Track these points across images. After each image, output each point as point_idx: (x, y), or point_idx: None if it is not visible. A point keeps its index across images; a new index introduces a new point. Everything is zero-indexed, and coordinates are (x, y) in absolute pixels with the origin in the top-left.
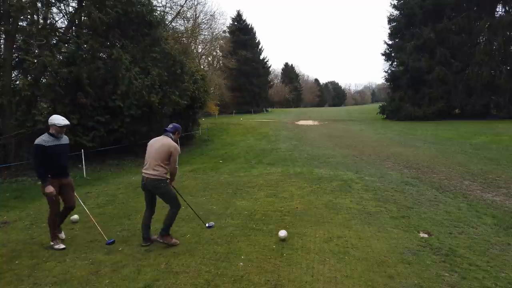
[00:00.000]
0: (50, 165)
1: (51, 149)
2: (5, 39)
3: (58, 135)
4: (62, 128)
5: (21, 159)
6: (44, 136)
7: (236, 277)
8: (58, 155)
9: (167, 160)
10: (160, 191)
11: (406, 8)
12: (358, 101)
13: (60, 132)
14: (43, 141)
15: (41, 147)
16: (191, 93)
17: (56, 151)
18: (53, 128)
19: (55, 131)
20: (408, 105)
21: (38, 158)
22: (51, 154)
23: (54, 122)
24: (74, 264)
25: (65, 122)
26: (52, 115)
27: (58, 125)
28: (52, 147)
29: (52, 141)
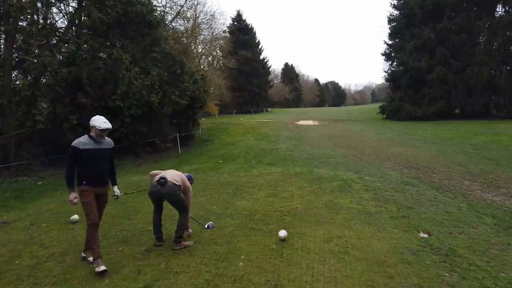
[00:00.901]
0: (83, 170)
1: (86, 153)
2: (5, 39)
3: (98, 138)
4: (102, 132)
5: (21, 159)
6: (82, 138)
7: (236, 277)
8: (95, 160)
9: (183, 187)
10: (175, 198)
11: (406, 8)
12: (358, 101)
13: (100, 135)
14: (80, 143)
15: (74, 150)
16: (191, 93)
17: (92, 155)
18: (93, 130)
19: (95, 133)
20: (408, 105)
21: (69, 160)
22: (87, 159)
23: (95, 124)
24: (74, 264)
25: (107, 125)
26: (94, 116)
27: (98, 128)
28: (88, 150)
29: (90, 144)
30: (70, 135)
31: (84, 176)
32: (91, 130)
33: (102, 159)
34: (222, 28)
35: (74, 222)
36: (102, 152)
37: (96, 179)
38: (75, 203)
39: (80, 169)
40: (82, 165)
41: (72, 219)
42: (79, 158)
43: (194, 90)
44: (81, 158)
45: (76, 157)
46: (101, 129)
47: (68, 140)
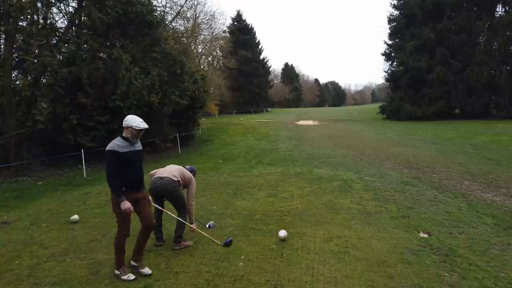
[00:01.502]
0: (124, 176)
1: (125, 156)
2: (5, 39)
3: (134, 140)
4: (139, 132)
5: (21, 159)
6: (117, 141)
7: (236, 277)
8: (134, 164)
9: (183, 181)
10: (173, 194)
11: (406, 8)
12: (358, 101)
13: (137, 136)
14: (117, 146)
15: (115, 154)
16: (191, 93)
17: (130, 158)
18: (128, 130)
19: (131, 134)
20: (408, 105)
21: (113, 167)
22: (126, 162)
23: (131, 123)
24: (74, 264)
25: (144, 124)
26: (127, 116)
27: (136, 128)
28: (127, 153)
29: (126, 146)
30: (70, 135)
31: (123, 182)
32: (125, 131)
33: (139, 162)
34: (222, 28)
35: (74, 222)
36: (138, 155)
37: (135, 183)
38: (131, 211)
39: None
40: (121, 170)
41: (72, 219)
42: (119, 163)
43: (194, 90)
44: (121, 162)
45: (117, 161)
46: (139, 129)
47: (68, 140)
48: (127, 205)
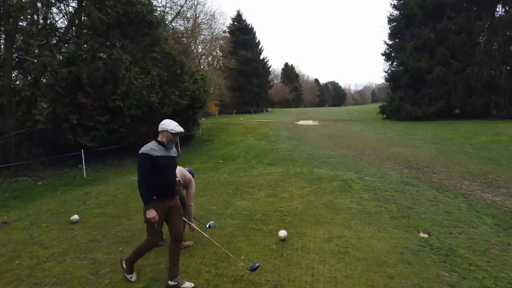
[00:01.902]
0: (156, 182)
1: (158, 161)
2: (5, 39)
3: (169, 145)
4: (175, 136)
5: (21, 159)
6: (151, 144)
7: (236, 277)
8: (167, 169)
9: (183, 181)
10: None
11: (406, 8)
12: (358, 101)
13: (172, 140)
14: (151, 149)
15: (148, 157)
16: (191, 93)
17: (164, 164)
18: (164, 134)
19: (167, 139)
20: (408, 105)
21: (144, 171)
22: (158, 167)
23: (167, 127)
24: (74, 264)
25: (179, 128)
26: (164, 120)
27: (171, 132)
28: (159, 158)
29: (161, 151)
30: (70, 135)
31: (155, 188)
32: (161, 135)
33: (173, 168)
34: (222, 28)
35: (74, 222)
36: (172, 160)
37: (168, 191)
38: (156, 220)
39: (150, 180)
40: (153, 176)
41: (72, 219)
42: (151, 168)
43: (194, 90)
44: (153, 167)
45: (150, 166)
46: (174, 133)
47: (68, 140)
48: (153, 214)
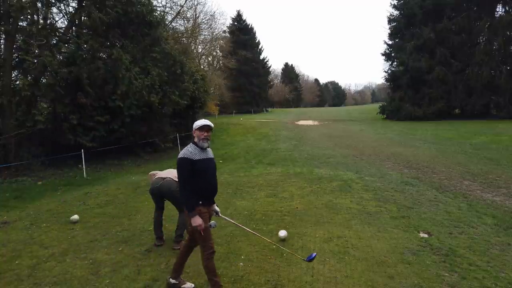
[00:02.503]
0: (201, 187)
1: (200, 164)
2: (5, 39)
3: (201, 143)
4: (202, 131)
5: (21, 159)
6: (189, 147)
7: (236, 277)
8: (210, 172)
9: None
10: (175, 195)
11: (406, 8)
12: (358, 101)
13: (202, 138)
14: (190, 153)
15: (188, 162)
16: (191, 93)
17: (206, 166)
18: (195, 133)
19: (198, 138)
20: (408, 105)
21: (186, 176)
22: (201, 171)
23: (195, 126)
24: (74, 264)
25: (203, 121)
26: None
27: (196, 127)
28: (201, 161)
29: (200, 153)
30: (70, 135)
31: (200, 193)
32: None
33: (213, 171)
34: (222, 28)
35: (74, 222)
36: (212, 163)
37: (212, 195)
38: (202, 227)
39: (194, 185)
40: (196, 180)
41: (72, 219)
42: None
43: (194, 90)
44: (195, 171)
45: (190, 170)
46: (199, 127)
47: (68, 140)
48: (199, 221)
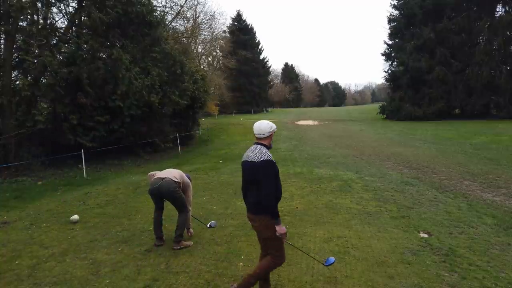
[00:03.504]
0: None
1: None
2: (5, 39)
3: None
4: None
5: (21, 159)
6: (265, 149)
7: (236, 277)
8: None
9: (182, 184)
10: (174, 195)
11: (406, 8)
12: (358, 101)
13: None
14: (271, 156)
15: (275, 165)
16: (191, 93)
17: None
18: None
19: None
20: (408, 105)
21: (273, 180)
22: (277, 175)
23: (275, 127)
24: (74, 264)
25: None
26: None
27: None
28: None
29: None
30: (70, 135)
31: (277, 198)
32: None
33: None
34: (222, 28)
35: (74, 222)
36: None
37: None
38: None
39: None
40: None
41: (72, 219)
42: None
43: (194, 90)
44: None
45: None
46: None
47: (68, 140)
48: (285, 229)
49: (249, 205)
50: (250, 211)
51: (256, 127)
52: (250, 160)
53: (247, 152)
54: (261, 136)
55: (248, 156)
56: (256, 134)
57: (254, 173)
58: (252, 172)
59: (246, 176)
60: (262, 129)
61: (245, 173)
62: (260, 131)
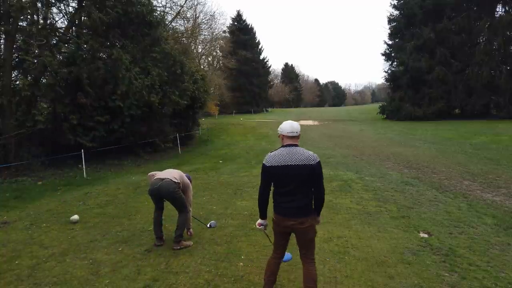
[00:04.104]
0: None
1: None
2: (5, 39)
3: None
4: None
5: (21, 159)
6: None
7: (236, 277)
8: None
9: (182, 185)
10: (174, 195)
11: (406, 8)
12: (358, 101)
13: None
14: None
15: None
16: (191, 93)
17: None
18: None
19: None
20: (408, 105)
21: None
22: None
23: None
24: (74, 264)
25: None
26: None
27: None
28: None
29: None
30: (70, 135)
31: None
32: (298, 138)
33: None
34: (222, 28)
35: (74, 222)
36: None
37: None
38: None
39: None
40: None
41: (72, 219)
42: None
43: (194, 90)
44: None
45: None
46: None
47: (68, 140)
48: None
49: (297, 210)
50: (298, 215)
51: (289, 127)
52: (304, 164)
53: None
54: (295, 135)
55: (297, 159)
56: (290, 133)
57: (309, 175)
58: (307, 174)
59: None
60: (295, 127)
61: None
62: (293, 130)
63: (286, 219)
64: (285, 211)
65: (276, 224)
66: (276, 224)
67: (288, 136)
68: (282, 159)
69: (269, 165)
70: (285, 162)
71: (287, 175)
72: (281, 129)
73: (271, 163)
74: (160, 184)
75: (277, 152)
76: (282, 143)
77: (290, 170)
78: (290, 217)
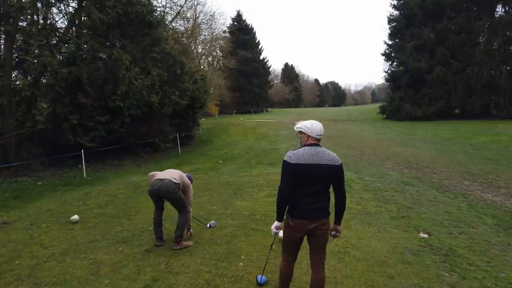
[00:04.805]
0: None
1: None
2: (5, 39)
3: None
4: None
5: (21, 159)
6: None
7: (236, 277)
8: None
9: (182, 185)
10: (174, 196)
11: (406, 8)
12: (358, 101)
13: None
14: None
15: None
16: (191, 93)
17: None
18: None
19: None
20: (408, 105)
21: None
22: None
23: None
24: (74, 264)
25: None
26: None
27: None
28: None
29: None
30: (70, 135)
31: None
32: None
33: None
34: (222, 28)
35: (74, 222)
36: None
37: None
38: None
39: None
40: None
41: (72, 219)
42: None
43: (194, 90)
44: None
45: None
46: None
47: (68, 140)
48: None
49: (320, 211)
50: (321, 216)
51: (319, 129)
52: (332, 164)
53: (316, 155)
54: (321, 137)
55: (325, 159)
56: (318, 136)
57: (336, 175)
58: (333, 174)
59: (322, 182)
60: (323, 129)
61: (323, 178)
62: (322, 132)
63: (308, 222)
64: (308, 214)
65: (294, 230)
66: (294, 230)
67: (316, 138)
68: (309, 157)
69: (295, 163)
70: (313, 161)
71: (315, 175)
72: (310, 130)
73: (297, 161)
74: (159, 184)
75: (302, 150)
76: (305, 142)
77: (318, 170)
78: (313, 219)
